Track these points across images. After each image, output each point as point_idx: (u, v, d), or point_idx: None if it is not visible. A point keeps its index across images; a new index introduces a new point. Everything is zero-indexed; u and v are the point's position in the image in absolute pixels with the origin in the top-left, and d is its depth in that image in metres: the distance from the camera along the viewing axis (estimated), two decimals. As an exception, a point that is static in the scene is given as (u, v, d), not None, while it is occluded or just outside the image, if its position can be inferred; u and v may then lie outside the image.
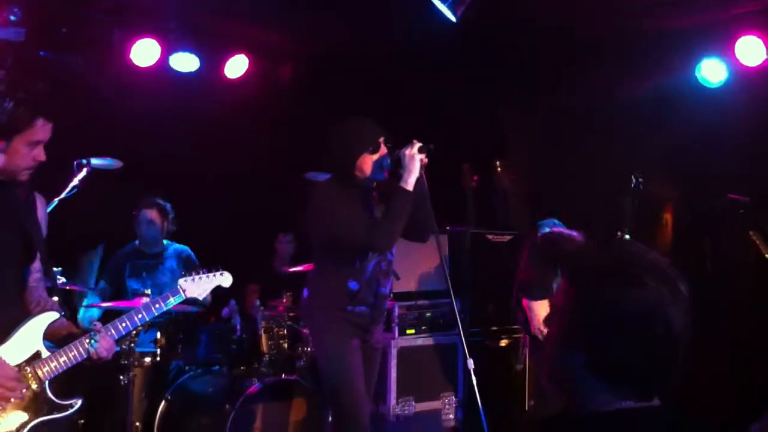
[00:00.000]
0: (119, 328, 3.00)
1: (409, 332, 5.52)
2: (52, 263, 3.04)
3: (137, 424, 4.68)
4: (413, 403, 5.40)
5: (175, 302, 3.18)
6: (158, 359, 4.82)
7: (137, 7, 5.61)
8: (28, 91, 2.77)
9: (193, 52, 5.86)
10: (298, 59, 6.47)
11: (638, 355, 1.53)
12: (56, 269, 4.23)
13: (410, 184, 3.80)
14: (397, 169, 3.87)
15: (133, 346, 4.41)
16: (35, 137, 2.78)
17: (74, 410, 2.90)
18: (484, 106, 6.30)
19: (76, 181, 4.26)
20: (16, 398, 2.77)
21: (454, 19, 5.49)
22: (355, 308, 3.93)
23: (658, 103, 5.67)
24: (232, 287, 3.49)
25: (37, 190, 3.04)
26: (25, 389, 2.80)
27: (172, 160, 5.94)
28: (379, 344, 4.17)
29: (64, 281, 4.57)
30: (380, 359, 4.25)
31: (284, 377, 4.81)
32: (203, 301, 5.06)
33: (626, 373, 1.54)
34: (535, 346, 4.70)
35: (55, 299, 3.10)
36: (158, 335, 4.80)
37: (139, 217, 5.34)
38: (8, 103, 2.70)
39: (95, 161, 4.36)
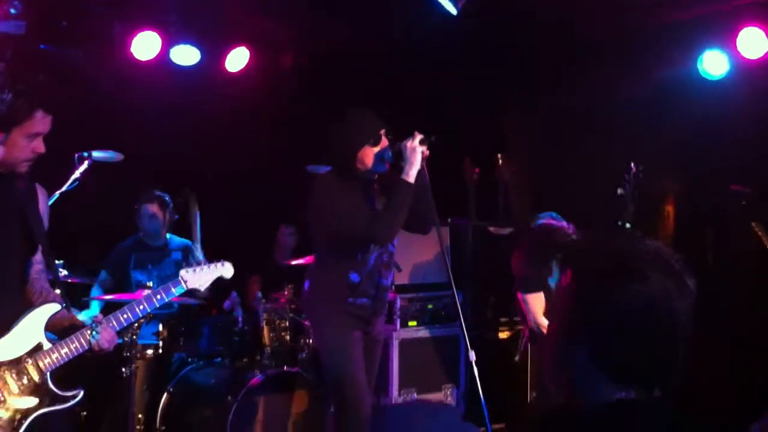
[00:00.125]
0: (121, 319, 3.00)
1: (410, 324, 5.54)
2: (53, 255, 3.04)
3: (140, 416, 4.70)
4: (415, 394, 5.41)
5: (176, 293, 3.19)
6: (160, 351, 4.82)
7: (138, -1, 5.61)
8: (27, 83, 2.77)
9: (193, 44, 5.85)
10: (299, 52, 6.46)
11: (640, 350, 1.51)
12: (58, 262, 4.24)
13: (411, 176, 3.79)
14: (398, 161, 3.85)
15: (135, 338, 4.42)
16: (34, 129, 2.79)
17: (76, 401, 2.91)
18: (485, 99, 6.28)
19: (77, 173, 4.26)
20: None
21: (454, 12, 5.49)
22: (356, 300, 3.93)
23: (659, 95, 5.65)
24: (233, 279, 3.49)
25: (38, 182, 3.04)
26: (18, 382, 2.80)
27: (173, 152, 5.93)
28: (380, 336, 4.18)
29: (65, 274, 4.57)
30: (381, 351, 4.26)
31: (286, 369, 4.81)
32: (201, 294, 5.09)
33: (628, 367, 1.53)
34: (534, 338, 4.70)
35: (57, 292, 3.11)
36: (160, 328, 4.81)
37: (140, 211, 5.34)
38: (7, 94, 2.71)
39: (96, 154, 4.35)
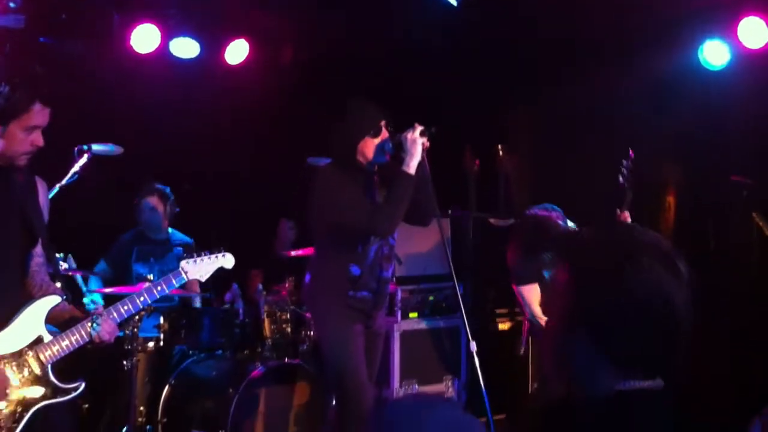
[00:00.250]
0: (121, 311, 3.00)
1: (411, 316, 5.54)
2: (54, 248, 3.04)
3: (141, 408, 4.72)
4: (416, 386, 5.42)
5: (177, 284, 3.18)
6: (161, 344, 4.83)
7: (137, -9, 5.60)
8: (24, 75, 2.76)
9: (193, 37, 5.84)
10: (299, 43, 6.44)
11: (640, 337, 1.52)
12: (58, 255, 4.23)
13: (412, 167, 3.78)
14: (398, 152, 3.84)
15: (136, 331, 4.42)
16: (32, 122, 2.78)
17: (77, 394, 2.91)
18: (485, 90, 6.27)
19: (77, 167, 4.25)
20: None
21: (455, 2, 5.48)
22: (357, 293, 3.92)
23: (660, 86, 5.63)
24: (234, 272, 3.49)
25: (37, 175, 3.03)
26: (19, 375, 2.81)
27: (172, 145, 5.93)
28: (381, 330, 4.17)
29: (66, 267, 4.57)
30: (383, 344, 4.26)
31: (287, 361, 4.82)
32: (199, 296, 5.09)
33: (628, 355, 1.53)
34: (534, 329, 4.69)
35: (57, 285, 3.11)
36: (161, 320, 4.81)
37: (140, 205, 5.31)
38: (4, 87, 2.70)
39: (96, 147, 4.34)
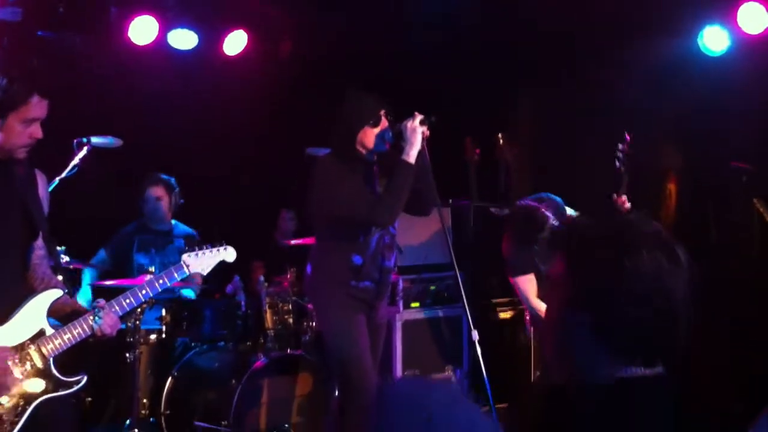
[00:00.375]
0: (123, 304, 3.00)
1: (413, 305, 5.53)
2: (54, 241, 3.04)
3: (144, 400, 4.72)
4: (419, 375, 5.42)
5: (179, 277, 3.18)
6: (164, 336, 4.83)
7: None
8: (22, 68, 2.76)
9: (191, 28, 5.82)
10: (298, 34, 6.42)
11: (639, 326, 1.52)
12: (60, 248, 4.23)
13: (412, 156, 3.77)
14: (398, 141, 3.83)
15: (138, 323, 4.43)
16: (30, 114, 2.77)
17: (80, 387, 2.91)
18: (486, 78, 6.24)
19: (76, 160, 4.24)
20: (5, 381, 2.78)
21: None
22: (359, 283, 3.92)
23: (660, 72, 5.61)
24: (236, 264, 3.48)
25: (37, 168, 3.03)
26: (21, 368, 2.81)
27: (172, 137, 5.92)
28: (383, 320, 4.18)
29: (67, 260, 4.57)
30: (384, 334, 4.26)
31: (290, 352, 4.82)
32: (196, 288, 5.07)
33: (628, 344, 1.53)
34: (534, 319, 4.69)
35: (59, 278, 3.11)
36: (163, 313, 4.81)
37: (144, 195, 5.28)
38: (2, 80, 2.69)
39: (95, 140, 4.34)
